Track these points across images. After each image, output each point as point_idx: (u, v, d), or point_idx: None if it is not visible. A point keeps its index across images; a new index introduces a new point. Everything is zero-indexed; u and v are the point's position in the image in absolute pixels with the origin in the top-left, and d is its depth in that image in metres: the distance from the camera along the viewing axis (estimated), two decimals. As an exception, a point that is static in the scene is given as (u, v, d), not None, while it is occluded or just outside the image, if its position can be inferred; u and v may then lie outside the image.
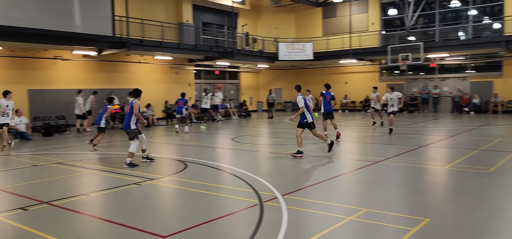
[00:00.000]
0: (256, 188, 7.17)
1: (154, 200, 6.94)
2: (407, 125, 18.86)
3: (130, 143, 9.74)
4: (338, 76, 30.60)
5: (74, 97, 18.53)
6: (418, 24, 26.83)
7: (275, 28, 30.38)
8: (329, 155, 10.53)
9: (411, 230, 4.97)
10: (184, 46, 23.10)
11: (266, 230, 5.10)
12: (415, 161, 9.76)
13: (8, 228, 5.51)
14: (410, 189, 7.26)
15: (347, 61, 28.18)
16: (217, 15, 27.83)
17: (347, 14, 28.25)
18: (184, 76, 26.22)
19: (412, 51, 23.98)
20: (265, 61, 28.65)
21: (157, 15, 23.28)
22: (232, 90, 30.23)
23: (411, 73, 28.32)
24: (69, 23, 17.23)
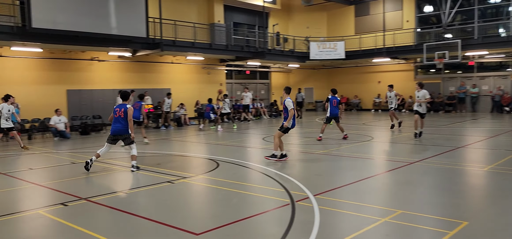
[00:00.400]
0: (288, 187, 7.16)
1: (187, 198, 7.06)
2: (444, 125, 18.31)
3: (130, 147, 9.36)
4: (370, 75, 30.07)
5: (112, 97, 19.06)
6: (455, 21, 25.96)
7: (306, 27, 30.19)
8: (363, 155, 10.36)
9: (449, 233, 4.82)
10: (215, 47, 23.33)
11: (298, 230, 5.08)
12: (452, 162, 9.46)
13: (50, 222, 5.75)
14: (447, 191, 7.05)
15: (381, 60, 27.64)
16: (248, 15, 27.94)
17: (380, 11, 27.70)
18: (216, 76, 26.48)
19: (449, 49, 23.24)
20: (296, 60, 28.52)
21: (189, 16, 23.64)
22: (262, 90, 30.27)
23: (447, 72, 27.46)
24: (105, 26, 17.76)
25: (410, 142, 12.87)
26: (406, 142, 12.94)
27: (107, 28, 17.81)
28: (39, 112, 18.07)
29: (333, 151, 11.51)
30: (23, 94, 17.85)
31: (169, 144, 14.44)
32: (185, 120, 21.43)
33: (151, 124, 20.77)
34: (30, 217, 5.92)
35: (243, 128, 19.16)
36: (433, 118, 22.30)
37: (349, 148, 11.99)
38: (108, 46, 18.83)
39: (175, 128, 20.14)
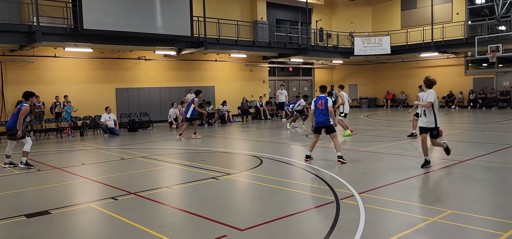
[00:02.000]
0: (332, 185, 7.09)
1: (231, 194, 7.16)
2: (497, 122, 17.40)
3: (23, 142, 9.59)
4: (418, 71, 29.07)
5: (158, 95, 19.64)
6: (510, 12, 24.52)
7: (350, 22, 29.63)
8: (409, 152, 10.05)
9: (503, 234, 4.60)
10: (258, 44, 23.43)
11: (343, 228, 5.02)
12: (506, 160, 8.98)
13: (101, 215, 6.03)
14: (501, 190, 6.70)
15: (429, 54, 26.65)
16: (291, 11, 27.82)
17: (428, 4, 26.66)
18: (259, 73, 26.60)
19: (502, 42, 22.03)
20: (339, 56, 28.08)
21: (232, 14, 23.88)
22: (305, 87, 30.06)
23: (501, 66, 26.02)
24: (152, 26, 18.33)
25: (459, 140, 12.34)
26: (455, 139, 12.41)
27: (153, 28, 18.38)
28: (90, 110, 18.96)
29: (380, 148, 11.25)
30: (76, 93, 18.80)
31: (213, 141, 14.69)
32: (229, 117, 21.70)
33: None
34: (83, 210, 6.24)
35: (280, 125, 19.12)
36: (486, 114, 21.24)
37: (395, 145, 11.66)
38: (154, 45, 19.41)
39: (219, 125, 20.44)
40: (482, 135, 13.30)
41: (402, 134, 13.93)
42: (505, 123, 17.13)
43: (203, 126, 20.02)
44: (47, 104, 18.16)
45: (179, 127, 19.29)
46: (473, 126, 16.59)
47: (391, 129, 16.34)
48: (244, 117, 23.14)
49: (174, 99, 21.10)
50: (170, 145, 14.00)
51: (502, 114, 20.75)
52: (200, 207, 6.20)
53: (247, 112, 23.41)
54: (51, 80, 18.58)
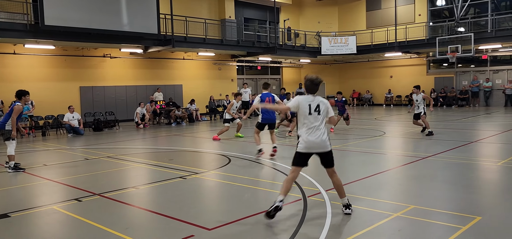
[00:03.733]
0: (300, 182, 7.16)
1: (199, 194, 7.11)
2: (457, 119, 18.11)
3: (6, 144, 9.11)
4: (382, 70, 29.86)
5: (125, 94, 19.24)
6: (468, 14, 25.59)
7: (317, 22, 30.04)
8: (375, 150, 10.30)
9: (462, 228, 4.79)
10: (226, 42, 23.38)
11: (310, 225, 5.09)
12: (465, 157, 9.37)
13: (63, 217, 5.84)
14: (460, 186, 6.99)
15: (392, 54, 27.42)
16: (259, 10, 27.91)
17: (392, 6, 27.42)
18: (227, 72, 26.54)
19: (462, 43, 22.94)
20: (307, 55, 28.43)
21: (200, 12, 23.70)
22: (274, 85, 30.24)
23: (461, 66, 27.12)
24: (117, 22, 17.93)
25: (422, 137, 12.76)
26: (418, 137, 12.82)
27: (119, 25, 17.98)
28: (53, 109, 18.34)
29: (345, 146, 11.47)
30: (37, 92, 18.12)
31: (181, 140, 14.54)
32: (197, 116, 21.54)
33: (163, 120, 20.92)
34: (45, 212, 6.03)
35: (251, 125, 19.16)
36: (447, 113, 22.06)
37: (362, 143, 11.93)
38: (120, 43, 19.00)
39: (187, 124, 20.24)
40: (443, 132, 13.81)
41: (367, 132, 14.25)
42: (464, 120, 17.86)
43: (170, 125, 19.77)
44: (6, 103, 17.41)
45: (146, 126, 18.97)
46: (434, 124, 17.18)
47: (357, 127, 16.69)
48: (213, 116, 23.03)
49: (141, 98, 20.75)
50: (137, 144, 13.75)
51: (461, 113, 21.61)
52: (167, 207, 6.12)
53: (216, 111, 23.31)
54: (10, 78, 17.82)
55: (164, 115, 20.94)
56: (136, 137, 15.74)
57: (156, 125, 20.20)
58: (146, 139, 15.07)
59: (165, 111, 20.91)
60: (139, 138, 15.30)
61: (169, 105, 21.20)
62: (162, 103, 21.27)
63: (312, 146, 5.23)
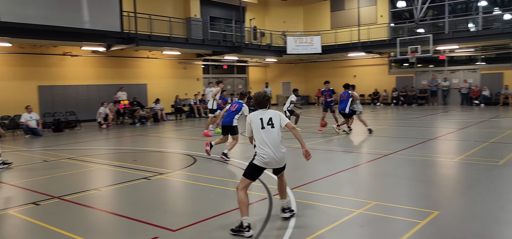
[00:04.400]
0: (265, 181, 7.20)
1: (163, 194, 7.01)
2: (416, 118, 18.73)
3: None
4: (346, 70, 30.45)
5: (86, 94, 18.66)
6: (427, 16, 26.53)
7: (283, 21, 30.28)
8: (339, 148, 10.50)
9: (421, 222, 4.96)
10: (192, 41, 23.15)
11: (275, 223, 5.12)
12: (424, 153, 9.71)
13: (20, 222, 5.61)
14: (419, 182, 7.24)
15: (356, 54, 28.02)
16: (225, 9, 27.82)
17: (355, 7, 28.05)
18: (193, 71, 26.29)
19: (421, 44, 23.76)
20: (273, 55, 28.60)
21: (165, 10, 23.35)
22: (240, 84, 30.24)
23: (420, 66, 28.09)
24: (77, 19, 17.34)
25: (383, 135, 13.12)
26: (381, 135, 13.18)
27: (79, 22, 17.39)
28: (9, 109, 17.55)
29: (310, 144, 11.63)
30: (-8, 91, 17.31)
31: (145, 140, 14.28)
32: (162, 115, 21.21)
33: (127, 120, 20.47)
34: (0, 217, 5.76)
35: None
36: (407, 111, 22.78)
37: (326, 141, 12.13)
38: (80, 41, 18.42)
39: (152, 124, 19.90)
40: (403, 130, 14.26)
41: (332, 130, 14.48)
42: (423, 118, 18.51)
43: (135, 125, 19.37)
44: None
45: (109, 126, 18.50)
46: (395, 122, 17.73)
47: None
48: (178, 116, 22.76)
49: (104, 98, 20.19)
50: (100, 145, 13.39)
51: (421, 111, 22.38)
52: (131, 209, 6.00)
53: (181, 111, 23.05)
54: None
55: (128, 115, 20.49)
56: (98, 137, 15.32)
57: (119, 125, 19.74)
58: (109, 139, 14.70)
59: (129, 111, 20.47)
60: (102, 139, 14.90)
61: (133, 105, 20.77)
62: (126, 103, 20.81)
63: (270, 162, 5.02)
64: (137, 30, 19.46)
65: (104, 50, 20.51)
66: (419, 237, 4.60)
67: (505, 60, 24.83)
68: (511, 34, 21.92)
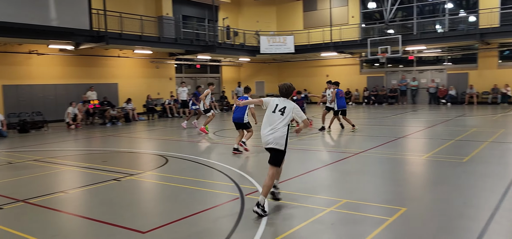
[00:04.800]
0: (237, 181, 7.19)
1: (134, 196, 6.89)
2: (386, 117, 19.15)
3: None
4: (319, 69, 30.79)
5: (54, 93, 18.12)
6: (396, 17, 27.17)
7: (256, 21, 30.32)
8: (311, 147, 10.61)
9: (389, 219, 5.07)
10: (164, 40, 22.86)
11: (247, 223, 5.12)
12: (394, 151, 9.93)
13: (-17, 227, 5.39)
14: (388, 179, 7.40)
15: (328, 54, 28.37)
16: (197, 8, 27.61)
17: (327, 7, 28.39)
18: (165, 71, 25.98)
19: (391, 44, 24.29)
20: (246, 54, 28.60)
21: (136, 8, 22.96)
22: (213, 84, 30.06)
23: (390, 66, 28.71)
24: (44, 17, 16.82)
25: (356, 134, 13.34)
26: (352, 134, 13.39)
27: (46, 19, 16.88)
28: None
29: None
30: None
31: (116, 140, 14.01)
32: (133, 115, 20.86)
33: (97, 120, 20.02)
34: (-39, 222, 5.53)
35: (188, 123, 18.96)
36: (378, 110, 23.25)
37: (299, 140, 12.22)
38: (47, 38, 17.87)
39: (123, 124, 19.54)
40: (374, 128, 14.54)
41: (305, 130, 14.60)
42: (393, 117, 18.93)
43: (105, 126, 18.98)
44: None
45: (78, 126, 18.05)
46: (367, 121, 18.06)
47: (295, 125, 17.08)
48: (150, 116, 22.44)
49: (72, 98, 19.67)
50: (68, 146, 13.05)
51: (391, 110, 22.89)
52: (100, 211, 5.87)
53: (154, 111, 22.74)
54: None
55: (98, 115, 20.05)
56: (67, 138, 14.92)
57: (89, 125, 19.29)
58: (78, 140, 14.35)
59: (99, 111, 20.03)
60: (70, 139, 14.53)
61: (103, 105, 20.33)
62: (96, 103, 20.35)
63: (264, 140, 5.63)
64: (107, 29, 19.06)
65: (73, 49, 19.99)
66: (387, 233, 4.70)
67: (470, 61, 25.72)
68: (475, 35, 22.71)
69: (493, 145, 10.22)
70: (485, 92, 24.73)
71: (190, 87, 26.86)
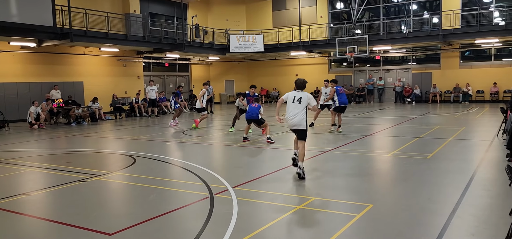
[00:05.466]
0: (207, 180, 7.14)
1: (100, 197, 6.72)
2: (354, 115, 19.51)
3: None
4: (288, 68, 31.03)
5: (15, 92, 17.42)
6: (363, 17, 27.75)
7: (225, 19, 30.23)
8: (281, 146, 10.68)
9: (356, 216, 5.17)
10: (131, 38, 22.41)
11: (216, 222, 5.10)
12: (361, 149, 10.14)
13: None
14: (356, 176, 7.54)
15: (297, 53, 28.63)
16: (166, 5, 27.24)
17: (296, 7, 28.64)
18: (133, 69, 25.50)
19: (358, 44, 24.77)
20: (216, 53, 28.46)
21: (101, 5, 22.40)
22: (183, 83, 29.78)
23: (358, 65, 29.29)
24: (4, 12, 16.16)
25: (322, 132, 13.53)
26: (322, 133, 13.57)
27: (6, 15, 16.23)
28: None
29: (253, 143, 11.71)
30: None
31: (81, 140, 13.62)
32: (100, 114, 20.35)
33: (62, 119, 19.41)
34: None
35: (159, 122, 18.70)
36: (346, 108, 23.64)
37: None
38: (8, 35, 17.19)
39: (89, 124, 19.03)
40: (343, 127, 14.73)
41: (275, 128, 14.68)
42: (360, 116, 19.32)
43: (70, 125, 18.43)
44: None
45: (41, 126, 17.44)
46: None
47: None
48: (117, 115, 21.96)
49: (35, 96, 19.00)
50: (31, 146, 12.58)
51: (359, 109, 23.35)
52: (64, 214, 5.69)
53: (121, 110, 22.26)
54: None
55: (63, 114, 19.44)
56: (29, 138, 14.38)
57: (53, 125, 18.67)
58: (41, 140, 13.86)
59: (63, 110, 19.42)
60: (33, 140, 14.01)
61: (68, 104, 19.73)
62: (60, 102, 19.72)
63: (290, 123, 7.41)
64: (71, 25, 18.50)
65: (35, 46, 19.31)
66: (354, 229, 4.79)
67: (433, 61, 26.60)
68: (438, 36, 23.50)
69: (455, 142, 10.60)
70: (447, 91, 25.65)
71: (159, 86, 26.49)
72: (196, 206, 5.86)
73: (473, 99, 24.93)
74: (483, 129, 13.49)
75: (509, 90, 24.01)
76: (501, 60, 25.10)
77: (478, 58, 25.81)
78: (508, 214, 4.99)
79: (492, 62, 25.13)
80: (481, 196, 5.98)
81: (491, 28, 23.00)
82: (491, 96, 24.35)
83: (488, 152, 9.28)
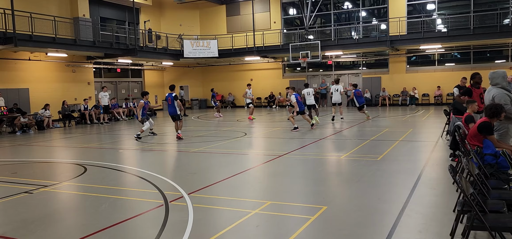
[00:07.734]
0: (162, 188, 7.03)
1: (48, 209, 6.42)
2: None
3: None
4: (243, 73, 31.16)
5: None
6: (316, 23, 28.43)
7: (179, 24, 29.90)
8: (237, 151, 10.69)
9: (311, 218, 5.29)
10: (81, 43, 21.62)
11: (171, 230, 5.03)
12: (315, 152, 10.37)
13: None
14: (310, 179, 7.70)
15: (252, 58, 28.82)
16: (117, 10, 26.53)
17: (250, 12, 28.86)
18: (83, 75, 24.61)
19: (311, 49, 25.33)
20: (169, 58, 28.06)
21: (48, 8, 21.46)
22: (135, 89, 29.10)
23: (311, 70, 29.93)
24: None
25: (277, 136, 13.71)
26: (276, 137, 13.74)
27: None
28: None
29: (208, 148, 11.65)
30: None
31: (28, 150, 12.95)
32: (49, 122, 19.44)
33: (6, 128, 18.36)
34: None
35: (113, 129, 18.16)
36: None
37: (224, 144, 12.26)
38: None
39: (36, 132, 18.13)
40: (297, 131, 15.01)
41: (230, 133, 14.71)
42: (314, 119, 19.71)
43: (15, 134, 17.46)
44: None
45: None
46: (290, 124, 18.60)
47: (220, 129, 17.12)
48: (67, 123, 21.07)
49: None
50: None
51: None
52: (9, 228, 5.39)
53: (70, 117, 21.38)
54: None
55: (7, 123, 18.39)
56: (-32, 149, 13.48)
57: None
58: None
59: (7, 118, 18.38)
60: (-27, 151, 13.15)
61: (12, 112, 18.70)
62: (4, 110, 18.65)
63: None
64: (15, 30, 17.59)
65: (-25, 51, 18.17)
66: (309, 231, 4.90)
67: (382, 66, 27.72)
68: (386, 42, 24.53)
69: (403, 144, 11.10)
70: (395, 94, 26.80)
71: (111, 92, 25.71)
72: (151, 214, 5.76)
73: (419, 102, 26.20)
74: (428, 130, 14.22)
75: (451, 94, 25.46)
76: (444, 65, 26.58)
77: (423, 63, 27.18)
78: (452, 210, 5.30)
79: (436, 67, 26.56)
80: (428, 195, 6.31)
81: (434, 35, 24.32)
82: (435, 99, 25.70)
83: (433, 152, 9.79)
